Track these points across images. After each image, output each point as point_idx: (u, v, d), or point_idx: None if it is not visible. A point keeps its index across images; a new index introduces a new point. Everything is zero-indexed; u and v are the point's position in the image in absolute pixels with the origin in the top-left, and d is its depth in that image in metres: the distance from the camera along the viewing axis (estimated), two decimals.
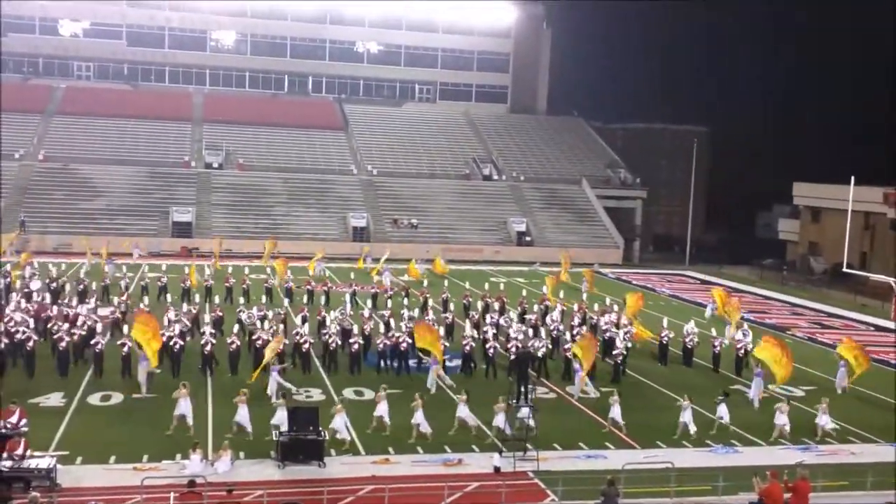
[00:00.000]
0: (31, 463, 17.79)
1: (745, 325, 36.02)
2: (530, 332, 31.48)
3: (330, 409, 21.92)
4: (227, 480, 17.86)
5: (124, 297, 33.79)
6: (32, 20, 73.92)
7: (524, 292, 40.87)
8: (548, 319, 33.87)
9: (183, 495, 16.13)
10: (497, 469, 19.86)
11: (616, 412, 23.01)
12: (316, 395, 25.26)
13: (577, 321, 33.46)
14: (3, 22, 71.87)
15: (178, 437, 20.84)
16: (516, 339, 28.96)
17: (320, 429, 20.18)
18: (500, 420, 21.89)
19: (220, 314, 31.88)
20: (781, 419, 23.17)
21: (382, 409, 22.20)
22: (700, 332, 33.20)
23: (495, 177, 71.91)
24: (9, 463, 17.55)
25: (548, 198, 70.31)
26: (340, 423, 21.18)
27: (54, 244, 53.46)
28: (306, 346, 28.07)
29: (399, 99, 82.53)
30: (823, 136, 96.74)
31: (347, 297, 36.31)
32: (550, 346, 30.08)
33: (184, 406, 21.24)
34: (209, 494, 16.42)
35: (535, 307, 36.90)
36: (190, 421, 21.27)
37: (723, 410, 23.45)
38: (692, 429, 22.62)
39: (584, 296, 42.91)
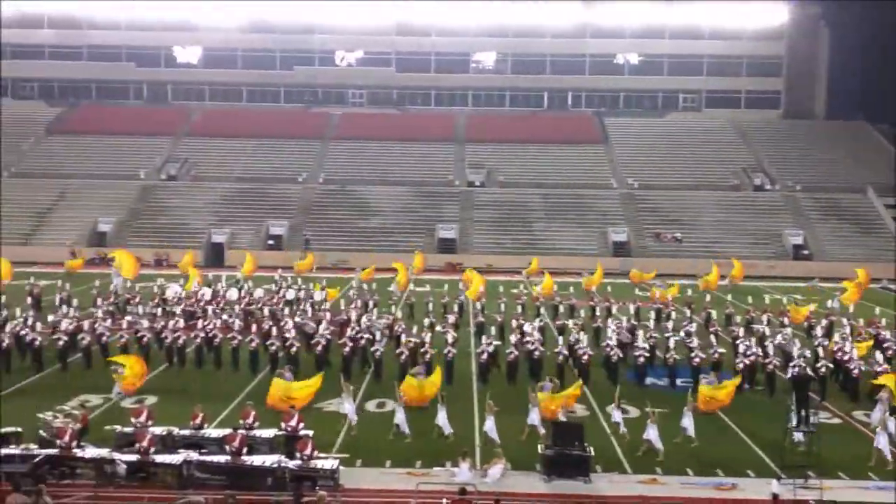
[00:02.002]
0: (318, 463, 18.79)
1: None
2: (819, 352, 28.73)
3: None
4: (494, 490, 17.78)
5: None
6: (312, 53, 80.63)
7: (812, 307, 37.90)
8: (837, 338, 30.81)
9: (454, 502, 16.21)
10: (775, 496, 18.13)
11: None
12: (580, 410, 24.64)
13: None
14: (290, 56, 79.42)
15: (443, 444, 21.18)
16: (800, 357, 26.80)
17: (585, 444, 19.68)
18: (651, 434, 20.75)
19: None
20: None
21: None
22: None
23: (767, 187, 67.27)
24: (298, 462, 18.67)
25: (827, 208, 64.56)
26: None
27: (332, 261, 57.30)
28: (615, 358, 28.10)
29: (661, 109, 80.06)
30: None
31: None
32: (831, 367, 27.58)
33: (440, 417, 21.81)
34: (478, 503, 16.38)
35: (822, 323, 33.96)
36: (447, 430, 21.61)
37: None
38: None
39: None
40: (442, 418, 21.77)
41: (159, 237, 59.68)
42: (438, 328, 31.53)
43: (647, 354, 28.46)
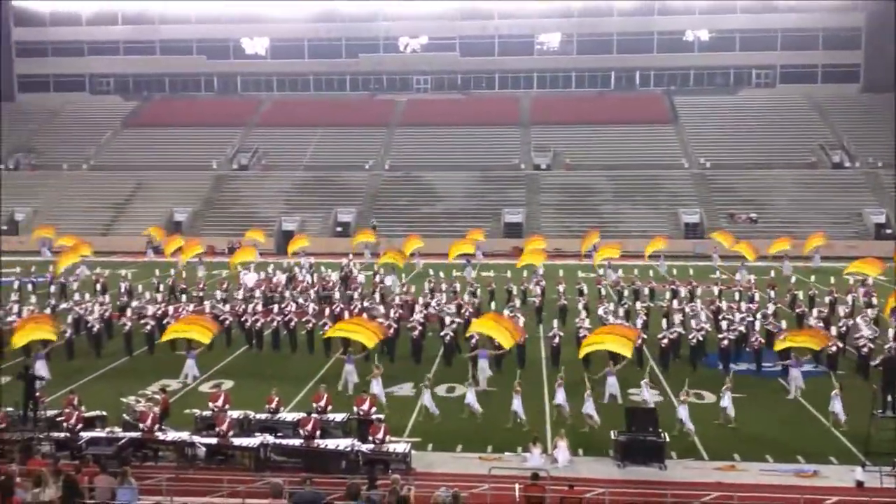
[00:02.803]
0: (390, 447, 18.97)
1: None
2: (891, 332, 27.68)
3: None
4: (568, 476, 17.68)
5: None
6: (377, 41, 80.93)
7: None
8: None
9: (527, 487, 16.16)
10: (860, 484, 17.69)
11: None
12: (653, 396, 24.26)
13: None
14: (355, 44, 79.95)
15: (514, 430, 21.19)
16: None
17: (660, 430, 19.42)
18: (682, 413, 20.92)
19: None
20: None
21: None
22: None
23: (847, 164, 64.98)
24: (371, 446, 18.87)
25: None
26: (562, 397, 21.83)
27: (399, 246, 57.50)
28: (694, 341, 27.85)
29: (733, 86, 77.96)
30: None
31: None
32: None
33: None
34: (551, 488, 16.29)
35: None
36: (522, 416, 21.57)
37: None
38: None
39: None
40: (517, 404, 21.68)
41: (232, 226, 60.92)
42: (506, 312, 31.46)
43: (732, 338, 27.80)
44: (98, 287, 38.69)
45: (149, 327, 30.34)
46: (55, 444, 18.93)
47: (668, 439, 19.50)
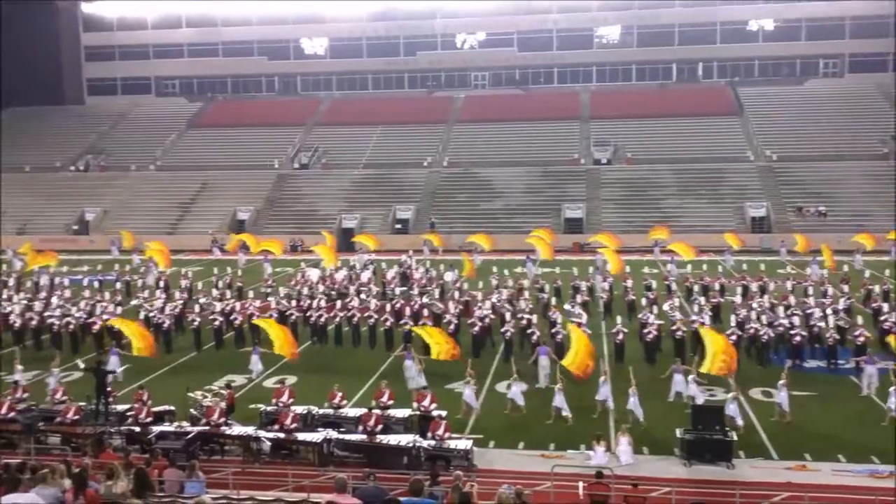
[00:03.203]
0: (451, 444, 18.95)
1: None
2: None
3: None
4: (631, 474, 17.42)
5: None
6: (434, 37, 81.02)
7: None
8: None
9: (591, 485, 15.96)
10: None
11: None
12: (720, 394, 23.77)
13: None
14: (412, 42, 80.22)
15: (576, 427, 20.97)
16: None
17: (727, 429, 19.04)
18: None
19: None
20: None
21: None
22: None
23: None
24: (433, 442, 18.88)
25: None
26: (606, 392, 22.05)
27: (459, 243, 57.55)
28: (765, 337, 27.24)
29: (800, 77, 75.96)
30: None
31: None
32: None
33: (604, 391, 22.02)
34: (615, 487, 16.05)
35: None
36: (611, 404, 21.75)
37: None
38: None
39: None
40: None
41: (294, 224, 61.73)
42: (566, 306, 31.18)
43: (805, 334, 27.10)
44: (161, 285, 39.56)
45: (217, 323, 30.95)
46: (126, 437, 19.40)
47: (735, 438, 19.08)
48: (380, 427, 19.40)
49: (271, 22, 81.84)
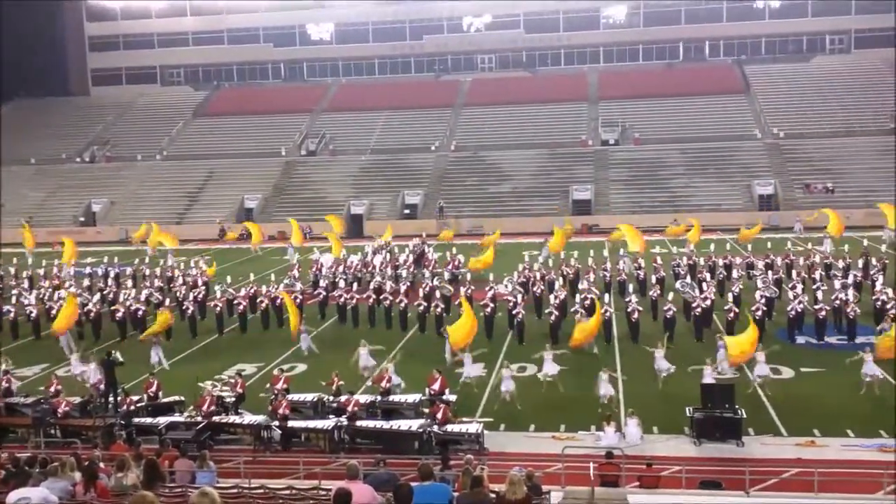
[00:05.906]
0: (462, 427, 19.02)
1: None
2: None
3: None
4: (642, 454, 17.46)
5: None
6: (440, 21, 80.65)
7: None
8: None
9: (601, 466, 16.02)
10: None
11: None
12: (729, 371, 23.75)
13: None
14: (418, 25, 79.88)
15: (586, 409, 21.00)
16: None
17: (736, 406, 19.04)
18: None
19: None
20: None
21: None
22: None
23: None
24: (446, 426, 18.91)
25: None
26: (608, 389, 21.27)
27: (468, 227, 57.55)
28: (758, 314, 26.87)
29: (806, 53, 75.37)
30: None
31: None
32: None
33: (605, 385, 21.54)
34: (626, 466, 16.11)
35: None
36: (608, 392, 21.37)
37: None
38: None
39: None
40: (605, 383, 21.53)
41: (302, 211, 61.79)
42: (581, 285, 31.22)
43: (828, 308, 27.22)
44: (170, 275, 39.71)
45: (241, 307, 31.21)
46: (136, 429, 19.49)
47: (744, 415, 19.10)
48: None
49: (276, 8, 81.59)
